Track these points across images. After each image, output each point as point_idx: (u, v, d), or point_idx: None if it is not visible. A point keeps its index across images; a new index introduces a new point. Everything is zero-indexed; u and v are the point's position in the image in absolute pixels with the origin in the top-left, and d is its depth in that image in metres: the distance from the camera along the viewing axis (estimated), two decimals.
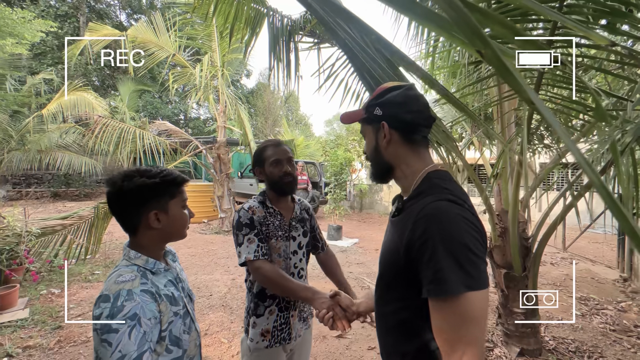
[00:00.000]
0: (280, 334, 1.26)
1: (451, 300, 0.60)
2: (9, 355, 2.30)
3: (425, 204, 0.68)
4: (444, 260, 0.61)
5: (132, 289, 0.79)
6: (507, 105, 2.37)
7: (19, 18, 6.67)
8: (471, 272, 0.60)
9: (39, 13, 12.04)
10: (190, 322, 0.94)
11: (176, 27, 6.07)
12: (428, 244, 0.63)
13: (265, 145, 1.34)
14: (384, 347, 0.82)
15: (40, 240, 3.81)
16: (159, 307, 0.82)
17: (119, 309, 0.74)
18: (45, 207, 10.21)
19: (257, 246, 1.21)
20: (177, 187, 0.94)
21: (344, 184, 7.30)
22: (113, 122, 5.95)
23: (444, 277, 0.60)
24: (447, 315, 0.62)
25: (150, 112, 15.98)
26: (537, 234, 2.48)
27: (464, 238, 0.62)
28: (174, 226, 0.93)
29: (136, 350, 0.73)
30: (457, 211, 0.65)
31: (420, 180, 0.76)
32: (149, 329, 0.78)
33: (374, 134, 0.81)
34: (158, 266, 0.90)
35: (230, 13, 2.68)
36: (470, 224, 0.65)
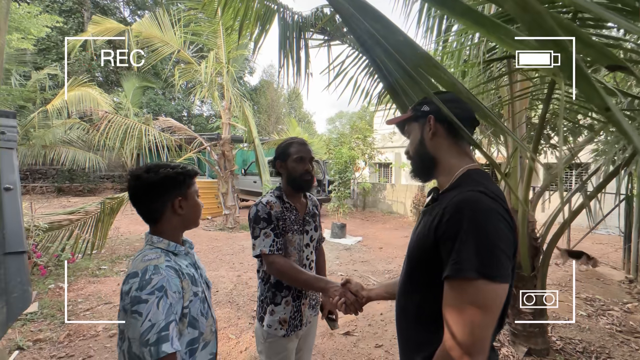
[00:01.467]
0: (294, 322, 1.33)
1: (463, 283, 0.62)
2: (20, 348, 2.33)
3: (458, 192, 0.71)
4: (467, 244, 0.62)
5: (159, 264, 0.86)
6: (518, 104, 2.36)
7: (25, 13, 6.68)
8: (490, 262, 0.61)
9: (44, 8, 12.04)
10: (207, 308, 1.00)
11: (181, 23, 6.04)
12: (455, 228, 0.65)
13: (292, 142, 1.39)
14: (402, 332, 0.85)
15: (47, 234, 3.84)
16: (181, 283, 0.89)
17: (147, 281, 0.81)
18: (50, 202, 10.27)
19: (273, 241, 1.27)
20: (192, 179, 1.02)
21: (348, 182, 7.30)
22: (118, 118, 5.96)
23: (462, 259, 0.62)
24: (457, 296, 0.63)
25: (154, 108, 15.99)
26: (547, 234, 2.47)
27: (491, 229, 0.63)
28: (193, 213, 1.02)
29: (164, 320, 0.79)
30: (490, 203, 0.66)
31: (460, 175, 0.78)
32: (175, 301, 0.84)
33: (419, 129, 0.85)
34: (179, 249, 0.98)
35: (240, 9, 2.66)
36: (502, 218, 0.65)
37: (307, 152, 1.36)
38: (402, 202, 10.46)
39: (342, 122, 34.19)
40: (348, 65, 2.74)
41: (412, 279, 0.81)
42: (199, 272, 1.03)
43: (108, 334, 2.62)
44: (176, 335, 0.82)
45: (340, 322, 2.92)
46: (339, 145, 9.55)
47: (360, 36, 0.99)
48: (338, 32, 2.68)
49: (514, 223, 0.69)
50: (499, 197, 0.70)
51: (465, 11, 0.52)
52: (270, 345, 1.32)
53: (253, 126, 6.77)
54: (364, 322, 2.99)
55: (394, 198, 10.79)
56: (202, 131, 16.17)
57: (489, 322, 0.62)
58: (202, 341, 0.95)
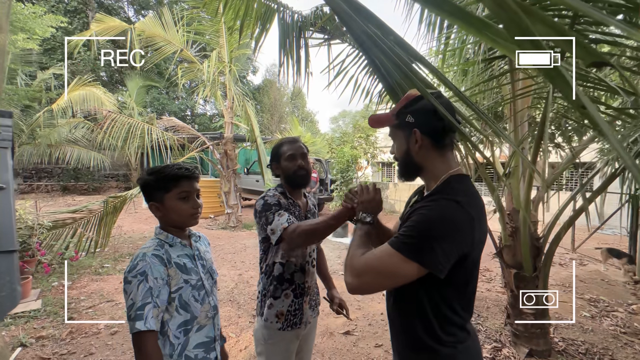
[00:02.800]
0: (293, 318, 1.33)
1: (386, 246, 0.78)
2: (23, 345, 2.35)
3: (434, 197, 0.82)
4: (411, 231, 0.76)
5: (146, 252, 0.99)
6: (520, 103, 2.33)
7: (30, 13, 6.73)
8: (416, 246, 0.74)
9: (49, 8, 12.14)
10: (205, 295, 1.09)
11: (184, 22, 6.06)
12: (415, 218, 0.78)
13: (282, 142, 1.41)
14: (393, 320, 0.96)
15: (51, 233, 3.88)
16: (167, 271, 1.00)
17: (134, 266, 0.95)
18: (55, 201, 10.38)
19: (288, 217, 1.24)
20: (173, 182, 1.06)
21: (350, 181, 7.28)
22: (121, 117, 6.00)
23: (399, 236, 0.77)
24: (380, 251, 0.79)
25: (157, 108, 16.08)
26: (549, 235, 2.44)
27: (442, 227, 0.75)
28: (172, 215, 1.07)
29: (141, 300, 0.91)
30: (456, 212, 0.77)
31: (442, 181, 0.86)
32: (156, 286, 0.95)
33: (405, 139, 0.90)
34: (175, 241, 1.08)
35: (240, 9, 2.66)
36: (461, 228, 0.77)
37: (297, 149, 1.37)
38: (404, 201, 10.40)
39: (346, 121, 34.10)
40: (348, 64, 2.73)
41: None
42: (199, 262, 1.11)
43: (109, 332, 2.65)
44: (153, 316, 0.92)
45: (340, 322, 2.94)
46: (342, 145, 9.52)
47: (358, 37, 0.98)
48: (338, 31, 2.67)
49: (484, 228, 0.83)
50: (472, 204, 0.80)
51: (454, 11, 0.51)
52: (271, 347, 1.31)
53: (255, 125, 6.78)
54: (364, 322, 2.99)
55: (396, 197, 10.76)
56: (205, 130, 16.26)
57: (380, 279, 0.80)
58: (196, 324, 1.05)
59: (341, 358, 2.40)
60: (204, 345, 1.07)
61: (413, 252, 0.74)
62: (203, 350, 1.07)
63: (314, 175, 7.64)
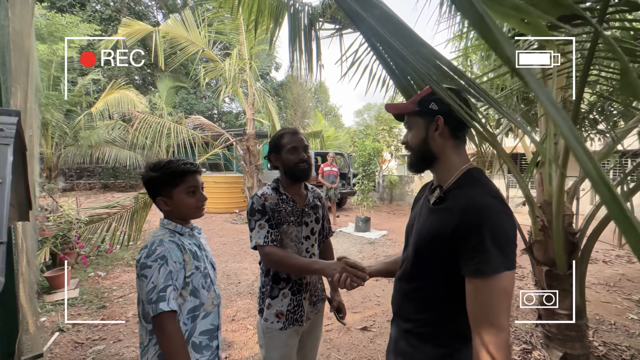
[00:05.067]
0: (293, 315, 1.32)
1: (494, 278, 0.72)
2: (61, 330, 2.56)
3: (471, 196, 0.79)
4: (492, 247, 0.72)
5: (163, 238, 1.04)
6: (551, 83, 2.12)
7: (67, 23, 7.21)
8: (510, 256, 0.73)
9: (86, 18, 12.99)
10: (210, 283, 1.14)
11: (206, 22, 6.20)
12: (477, 232, 0.74)
13: (282, 133, 1.37)
14: (399, 310, 0.97)
15: (88, 227, 4.17)
16: (183, 256, 1.05)
17: (153, 251, 0.99)
18: (97, 198, 11.21)
19: (267, 232, 1.27)
20: (180, 177, 1.09)
21: (372, 175, 7.13)
22: (151, 118, 6.30)
23: (490, 259, 0.72)
24: (490, 291, 0.73)
25: (186, 107, 16.75)
26: (587, 229, 2.21)
27: (507, 229, 0.75)
28: (181, 209, 1.12)
29: (163, 283, 0.96)
30: (500, 206, 0.77)
31: (461, 174, 0.86)
32: (175, 269, 1.00)
33: (424, 126, 0.89)
34: (184, 230, 1.13)
35: (253, 5, 2.66)
36: (509, 218, 0.77)
37: (299, 141, 1.33)
38: None
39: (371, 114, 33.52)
40: (362, 54, 2.63)
41: (418, 267, 0.90)
42: (203, 252, 1.16)
43: (137, 320, 2.80)
44: (174, 298, 0.97)
45: (358, 317, 2.89)
46: (364, 138, 9.35)
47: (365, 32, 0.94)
48: (348, 21, 2.58)
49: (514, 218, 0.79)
50: (501, 196, 0.80)
51: None
52: (270, 340, 1.31)
53: (277, 121, 6.85)
54: (382, 318, 2.92)
55: None
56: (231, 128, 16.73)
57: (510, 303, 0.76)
58: (202, 311, 1.08)
59: (357, 354, 2.36)
60: (208, 332, 1.10)
61: (503, 263, 0.73)
62: (207, 337, 1.09)
63: (334, 170, 7.56)
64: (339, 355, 2.35)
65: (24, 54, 1.86)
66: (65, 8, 13.57)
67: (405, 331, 0.93)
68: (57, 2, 13.47)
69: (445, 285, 0.83)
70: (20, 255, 1.65)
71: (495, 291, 0.72)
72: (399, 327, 0.97)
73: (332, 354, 2.35)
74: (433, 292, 0.87)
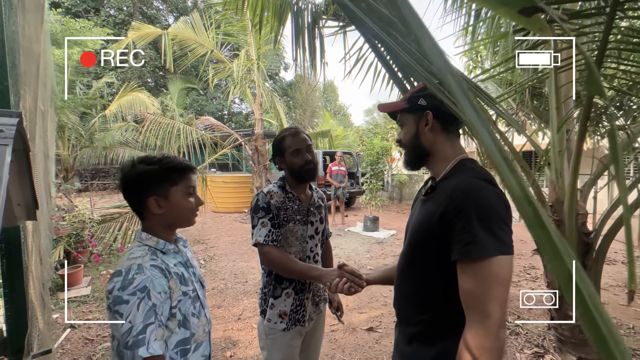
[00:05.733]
0: (296, 315, 1.30)
1: (486, 262, 0.68)
2: (72, 326, 2.63)
3: (459, 181, 0.77)
4: (479, 228, 0.68)
5: (143, 263, 0.83)
6: (563, 77, 2.04)
7: (80, 28, 7.42)
8: (503, 239, 0.69)
9: (101, 22, 13.34)
10: (200, 308, 0.96)
11: (214, 24, 6.27)
12: (463, 213, 0.71)
13: (284, 135, 1.34)
14: (402, 317, 0.95)
15: (101, 226, 4.28)
16: (168, 283, 0.86)
17: (130, 281, 0.78)
18: (110, 197, 11.51)
19: (269, 231, 1.25)
20: (180, 174, 0.94)
21: (381, 174, 7.07)
22: (162, 119, 6.42)
23: (479, 241, 0.68)
24: (480, 275, 0.69)
25: (197, 109, 17.01)
26: (602, 229, 2.12)
27: (497, 210, 0.71)
28: (176, 212, 0.94)
29: (142, 322, 0.76)
30: (490, 187, 0.75)
31: (454, 165, 0.85)
32: (159, 302, 0.80)
33: (415, 122, 0.89)
34: (168, 247, 0.94)
35: (257, 5, 2.67)
36: (500, 199, 0.73)
37: (302, 142, 1.31)
38: None
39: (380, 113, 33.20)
40: (366, 51, 2.59)
41: (412, 264, 0.89)
42: (190, 270, 0.98)
43: None
44: (157, 338, 0.78)
45: (364, 318, 2.86)
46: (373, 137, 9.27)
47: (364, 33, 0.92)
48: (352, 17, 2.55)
49: (507, 199, 0.74)
50: (495, 181, 0.78)
51: None
52: (273, 342, 1.30)
53: (284, 120, 6.86)
54: (388, 319, 2.88)
55: None
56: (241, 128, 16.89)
57: (508, 293, 0.71)
58: (193, 342, 0.91)
59: (362, 355, 2.34)
60: None
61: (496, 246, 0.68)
62: None
63: (342, 169, 7.52)
64: (343, 355, 2.33)
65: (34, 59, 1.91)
66: (81, 13, 13.99)
67: (407, 333, 0.91)
68: (72, 8, 13.90)
69: (441, 281, 0.79)
70: (29, 253, 1.69)
71: (486, 276, 0.68)
72: (401, 329, 0.95)
73: (337, 355, 2.33)
74: (429, 289, 0.83)
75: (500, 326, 0.67)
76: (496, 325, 0.67)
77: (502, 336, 0.68)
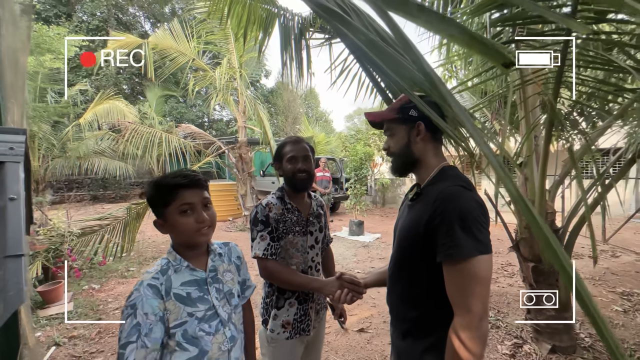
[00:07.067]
0: (300, 325, 1.31)
1: (466, 262, 0.75)
2: (57, 344, 2.53)
3: (442, 187, 0.85)
4: (460, 231, 0.76)
5: (144, 281, 0.88)
6: (530, 89, 2.25)
7: (55, 35, 7.17)
8: (481, 240, 0.76)
9: (73, 28, 12.88)
10: (219, 325, 0.94)
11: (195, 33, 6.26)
12: (446, 218, 0.78)
13: (285, 142, 1.38)
14: (395, 315, 1.00)
15: (81, 239, 4.12)
16: (163, 304, 0.86)
17: (130, 295, 0.85)
18: (86, 210, 11.00)
19: (268, 244, 1.26)
20: (170, 194, 0.91)
21: (364, 179, 7.24)
22: (142, 128, 6.29)
23: (460, 243, 0.75)
24: (461, 275, 0.77)
25: (176, 116, 16.65)
26: (568, 225, 2.33)
27: (475, 214, 0.78)
28: (177, 233, 0.94)
29: (125, 338, 0.80)
30: (469, 194, 0.82)
31: (437, 172, 0.93)
32: (143, 322, 0.81)
33: (406, 132, 0.95)
34: (182, 264, 0.94)
35: (243, 15, 2.73)
36: (478, 204, 0.81)
37: (299, 150, 1.33)
38: None
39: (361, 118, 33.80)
40: (351, 62, 2.72)
41: (402, 266, 0.96)
42: (213, 287, 0.97)
43: None
44: (134, 358, 0.79)
45: (354, 319, 2.94)
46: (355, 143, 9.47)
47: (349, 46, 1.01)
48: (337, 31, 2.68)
49: (484, 203, 0.84)
50: (472, 187, 0.86)
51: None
52: (275, 349, 1.30)
53: (268, 128, 6.89)
54: (378, 319, 2.97)
55: None
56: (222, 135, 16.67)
57: (489, 289, 0.79)
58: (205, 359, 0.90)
59: (355, 355, 2.41)
60: None
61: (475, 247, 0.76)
62: None
63: (327, 175, 7.64)
64: (337, 357, 2.39)
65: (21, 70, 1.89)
66: (51, 19, 13.44)
67: (400, 329, 0.97)
68: (42, 13, 13.34)
69: (428, 281, 0.86)
70: None
71: (467, 275, 0.76)
72: (395, 326, 1.01)
73: (331, 356, 2.39)
74: (417, 289, 0.90)
75: (481, 318, 0.75)
76: (477, 318, 0.75)
77: (484, 327, 0.75)
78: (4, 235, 0.72)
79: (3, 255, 0.70)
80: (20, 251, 0.71)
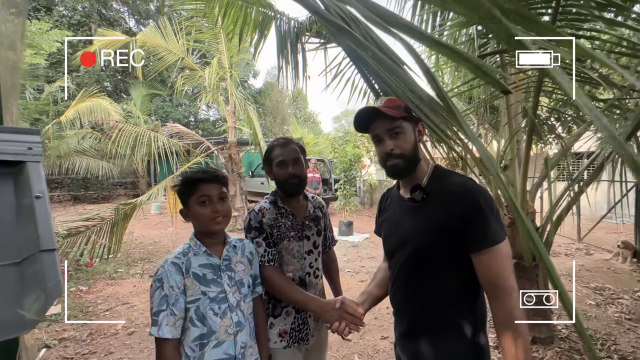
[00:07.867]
0: (298, 334, 1.26)
1: (499, 246, 0.84)
2: (47, 346, 2.49)
3: (460, 181, 0.91)
4: (493, 219, 0.84)
5: (168, 258, 1.01)
6: (513, 96, 2.40)
7: (36, 29, 6.94)
8: (503, 224, 0.87)
9: (54, 23, 12.43)
10: (227, 310, 1.02)
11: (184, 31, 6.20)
12: (480, 210, 0.84)
13: (274, 145, 1.31)
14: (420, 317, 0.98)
15: (66, 241, 4.02)
16: (184, 280, 0.99)
17: (156, 271, 0.99)
18: (67, 210, 10.63)
19: (265, 251, 1.22)
20: (192, 186, 1.05)
21: (354, 180, 7.36)
22: (128, 127, 6.17)
23: (496, 230, 0.84)
24: (498, 258, 0.84)
25: (162, 115, 16.32)
26: (547, 224, 2.50)
27: (493, 202, 0.88)
28: (196, 221, 1.06)
29: (156, 307, 0.94)
30: (483, 187, 0.90)
31: (432, 170, 0.98)
32: (170, 293, 0.95)
33: (414, 131, 0.97)
34: (201, 249, 1.06)
35: (239, 18, 2.78)
36: (490, 194, 0.90)
37: (288, 154, 1.26)
38: None
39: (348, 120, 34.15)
40: (345, 67, 2.81)
41: (426, 264, 0.94)
42: (226, 274, 1.06)
43: (127, 332, 2.77)
44: (168, 324, 0.93)
45: None
46: (344, 144, 9.60)
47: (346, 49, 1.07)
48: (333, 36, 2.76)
49: None
50: None
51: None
52: (271, 358, 1.24)
53: (258, 128, 6.91)
54: (370, 316, 3.07)
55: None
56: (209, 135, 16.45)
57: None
58: (214, 339, 0.99)
59: (348, 350, 2.49)
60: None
61: (503, 231, 0.85)
62: None
63: (317, 176, 7.72)
64: (331, 352, 2.47)
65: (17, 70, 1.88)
66: (29, 12, 12.91)
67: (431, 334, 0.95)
68: None
69: (457, 273, 0.90)
70: None
71: (502, 257, 0.84)
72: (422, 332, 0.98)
73: None
74: (449, 283, 0.92)
75: (516, 290, 0.84)
76: (519, 297, 0.83)
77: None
78: (35, 231, 0.76)
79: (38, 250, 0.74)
80: (53, 245, 0.75)
